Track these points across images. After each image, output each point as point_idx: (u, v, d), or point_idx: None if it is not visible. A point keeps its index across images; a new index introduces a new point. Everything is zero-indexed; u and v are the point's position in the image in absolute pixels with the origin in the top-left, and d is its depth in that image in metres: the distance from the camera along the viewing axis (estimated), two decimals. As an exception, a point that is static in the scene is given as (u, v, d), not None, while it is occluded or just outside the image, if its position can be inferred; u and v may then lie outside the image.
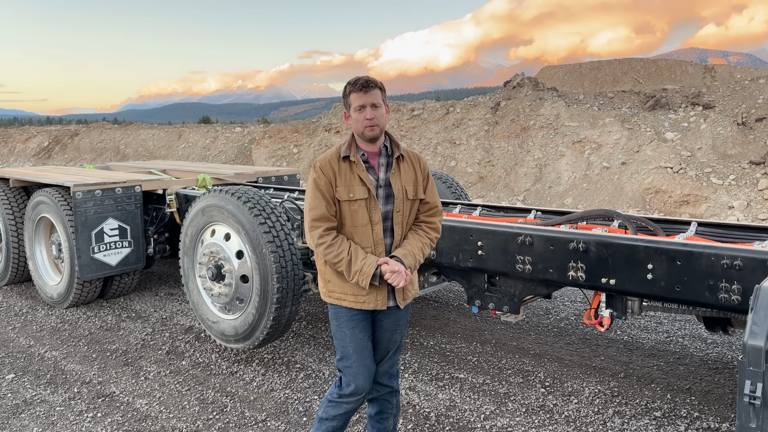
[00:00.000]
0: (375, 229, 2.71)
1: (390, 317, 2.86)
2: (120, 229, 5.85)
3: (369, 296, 2.73)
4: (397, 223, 2.77)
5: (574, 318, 5.50)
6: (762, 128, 13.13)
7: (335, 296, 2.79)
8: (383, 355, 2.91)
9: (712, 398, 3.90)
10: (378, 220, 2.71)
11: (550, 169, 13.94)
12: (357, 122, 2.69)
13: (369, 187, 2.70)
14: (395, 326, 2.88)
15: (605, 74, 42.18)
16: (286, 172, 7.39)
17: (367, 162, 2.76)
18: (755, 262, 2.96)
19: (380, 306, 2.75)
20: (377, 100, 2.68)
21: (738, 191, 11.42)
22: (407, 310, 2.94)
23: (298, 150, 18.75)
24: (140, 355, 4.86)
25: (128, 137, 26.16)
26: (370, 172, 2.75)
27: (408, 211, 2.81)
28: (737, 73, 33.63)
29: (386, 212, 2.75)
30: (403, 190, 2.76)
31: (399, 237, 2.79)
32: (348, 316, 2.78)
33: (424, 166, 2.91)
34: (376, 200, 2.71)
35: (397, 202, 2.75)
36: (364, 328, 2.80)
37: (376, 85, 2.70)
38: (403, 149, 2.86)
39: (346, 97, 2.74)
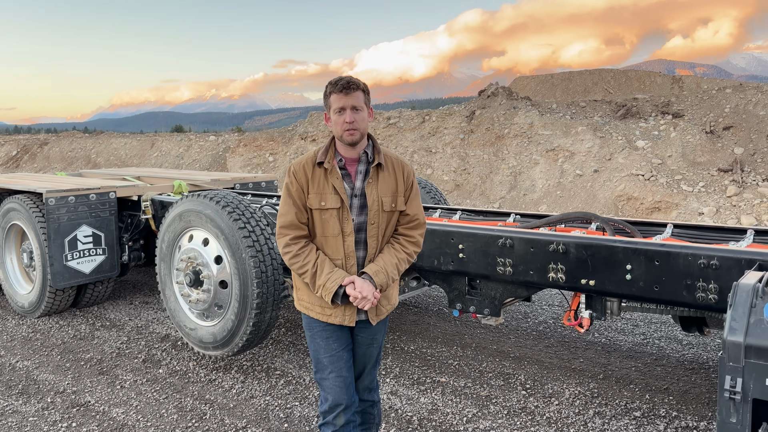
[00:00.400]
0: (347, 241, 2.56)
1: (365, 331, 2.72)
2: (94, 236, 5.74)
3: (336, 310, 2.59)
4: (372, 236, 2.60)
5: (552, 321, 5.54)
6: (729, 136, 13.46)
7: (304, 305, 2.68)
8: (360, 370, 2.79)
9: (689, 398, 3.95)
10: (350, 232, 2.55)
11: (524, 176, 14.09)
12: (336, 125, 2.53)
13: (342, 196, 2.54)
14: (371, 340, 2.75)
15: (576, 85, 42.86)
16: (263, 178, 7.34)
17: (344, 169, 2.60)
18: (731, 261, 3.02)
19: (348, 322, 2.61)
20: (359, 103, 2.53)
21: (707, 198, 11.67)
22: (385, 323, 2.80)
23: (273, 158, 18.66)
24: (116, 364, 4.76)
25: (99, 146, 25.75)
26: (346, 180, 2.59)
27: (385, 223, 2.64)
28: (704, 83, 34.46)
29: (360, 223, 2.58)
30: (378, 201, 2.58)
31: (373, 250, 2.62)
32: (321, 326, 2.66)
33: (408, 174, 2.70)
34: (348, 211, 2.55)
35: (371, 213, 2.58)
36: (339, 338, 2.67)
37: (358, 87, 2.54)
38: (387, 156, 2.67)
39: (327, 98, 2.58)
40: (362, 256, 2.61)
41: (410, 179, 2.70)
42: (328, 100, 2.56)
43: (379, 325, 2.75)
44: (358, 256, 2.60)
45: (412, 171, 2.74)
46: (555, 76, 46.78)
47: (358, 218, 2.58)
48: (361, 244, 2.61)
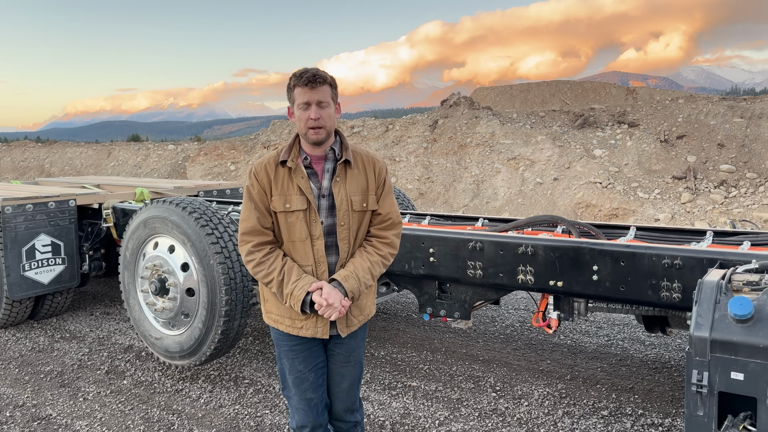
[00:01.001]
0: (316, 245, 2.38)
1: (342, 347, 2.54)
2: (53, 246, 5.57)
3: (307, 321, 2.41)
4: (342, 239, 2.42)
5: (519, 324, 5.62)
6: (683, 145, 13.92)
7: (272, 318, 2.50)
8: (338, 390, 2.59)
9: (654, 396, 4.05)
10: (319, 235, 2.37)
11: (486, 185, 14.29)
12: (300, 121, 2.34)
13: (308, 197, 2.36)
14: (347, 357, 2.56)
15: (534, 96, 43.75)
16: (228, 185, 7.27)
17: (309, 167, 2.42)
18: (693, 261, 3.13)
19: (321, 334, 2.42)
20: (325, 98, 2.33)
21: (663, 204, 12.03)
22: (362, 338, 2.61)
23: (235, 167, 18.46)
24: (77, 376, 4.62)
25: (53, 156, 25.03)
26: (312, 180, 2.40)
27: (356, 224, 2.45)
28: (657, 94, 35.60)
29: (329, 226, 2.41)
30: (347, 200, 2.40)
31: (345, 254, 2.44)
32: (289, 345, 2.49)
33: (379, 171, 2.51)
34: (316, 212, 2.37)
35: (340, 214, 2.40)
36: (306, 358, 2.49)
37: (325, 80, 2.34)
38: (356, 152, 2.50)
39: (290, 91, 2.37)
40: (334, 261, 2.43)
41: (382, 176, 2.52)
42: (292, 93, 2.36)
43: (354, 340, 2.56)
44: (330, 261, 2.42)
45: (385, 167, 2.56)
46: (514, 87, 47.69)
47: (327, 220, 2.40)
48: (332, 248, 2.43)
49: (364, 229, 2.50)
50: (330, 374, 2.58)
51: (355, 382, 2.63)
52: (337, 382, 2.58)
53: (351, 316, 2.49)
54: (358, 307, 2.51)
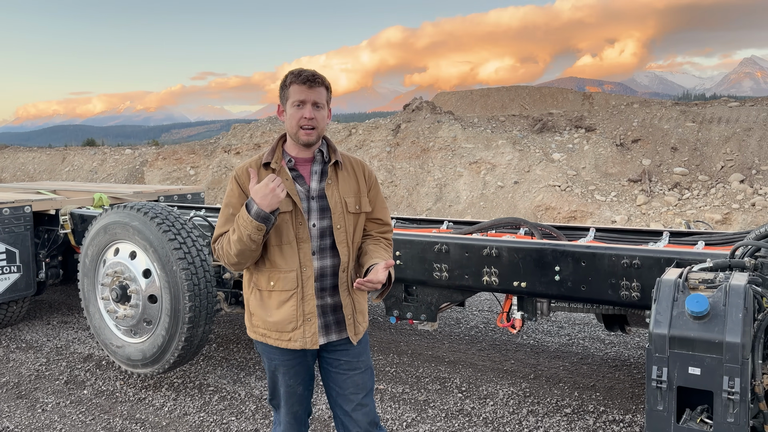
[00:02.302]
0: (302, 248, 2.30)
1: (346, 353, 2.42)
2: (8, 253, 5.40)
3: (295, 333, 2.32)
4: (341, 241, 2.35)
5: (483, 326, 5.69)
6: (638, 149, 14.32)
7: (260, 332, 2.40)
8: (353, 401, 2.44)
9: (614, 393, 4.16)
10: (305, 237, 2.31)
11: (449, 188, 14.43)
12: (292, 119, 2.28)
13: (294, 198, 2.30)
14: (355, 364, 2.44)
15: (494, 100, 44.42)
16: (189, 190, 7.16)
17: (294, 170, 2.36)
18: (651, 260, 3.23)
19: (310, 345, 2.32)
20: (321, 100, 2.29)
21: (619, 207, 12.35)
22: (365, 346, 2.50)
23: (195, 172, 18.19)
24: (35, 387, 4.49)
25: (4, 161, 24.24)
26: (299, 182, 2.35)
27: (352, 226, 2.40)
28: (612, 99, 36.56)
29: (323, 228, 2.34)
30: (341, 202, 2.36)
31: (347, 257, 2.36)
32: (280, 359, 2.40)
33: (368, 174, 2.49)
34: (302, 214, 2.31)
35: (335, 216, 2.34)
36: (297, 373, 2.43)
37: (322, 82, 2.30)
38: (344, 155, 2.46)
39: (285, 89, 2.31)
40: (329, 264, 2.36)
41: (372, 179, 2.50)
42: (287, 91, 2.30)
43: (361, 346, 2.46)
44: (324, 265, 2.35)
45: (373, 172, 2.55)
46: (474, 92, 48.31)
47: (320, 222, 2.34)
48: (327, 251, 2.36)
49: (359, 232, 2.45)
50: (343, 386, 2.44)
51: (371, 391, 2.49)
52: (354, 393, 2.44)
53: (357, 322, 2.43)
54: (362, 313, 2.46)
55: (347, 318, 2.39)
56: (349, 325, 2.39)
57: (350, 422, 2.45)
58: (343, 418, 2.47)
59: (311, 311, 2.32)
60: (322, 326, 2.37)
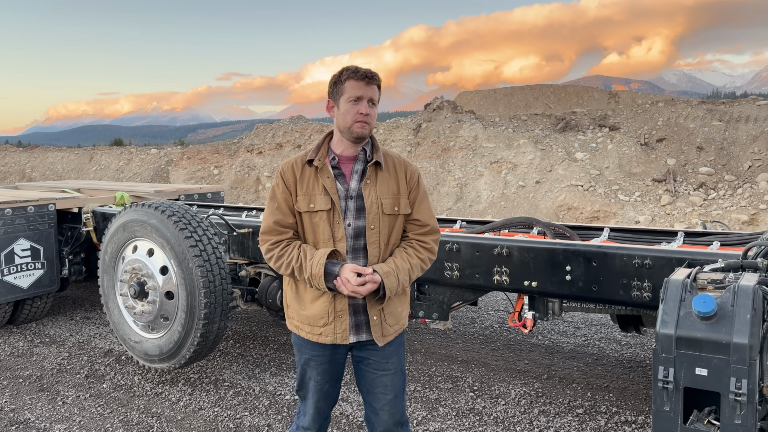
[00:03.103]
0: (338, 247, 2.32)
1: (376, 353, 2.43)
2: (32, 250, 5.55)
3: (327, 328, 2.35)
4: (372, 242, 2.35)
5: (498, 326, 5.68)
6: (662, 148, 14.12)
7: (294, 323, 2.45)
8: (386, 402, 2.45)
9: (628, 394, 4.13)
10: (341, 237, 2.32)
11: (470, 188, 14.39)
12: (347, 114, 2.29)
13: (332, 197, 2.31)
14: (384, 366, 2.44)
15: (518, 99, 44.10)
16: (209, 189, 7.26)
17: (337, 168, 2.37)
18: (663, 260, 3.20)
19: (340, 340, 2.35)
20: (375, 97, 2.33)
21: (643, 207, 12.19)
22: (399, 344, 2.50)
23: (218, 171, 18.41)
24: (57, 380, 4.60)
25: (35, 160, 24.82)
26: (340, 180, 2.36)
27: (388, 228, 2.38)
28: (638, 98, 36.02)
29: (358, 228, 2.34)
30: (378, 203, 2.34)
31: (375, 259, 2.36)
32: (310, 354, 2.44)
33: (411, 174, 2.45)
34: (340, 213, 2.32)
35: (370, 217, 2.33)
36: (326, 371, 2.45)
37: (378, 81, 2.33)
38: (387, 155, 2.44)
39: (340, 84, 2.32)
40: (365, 264, 2.36)
41: (414, 180, 2.45)
42: (342, 86, 2.31)
43: (391, 347, 2.45)
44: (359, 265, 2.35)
45: (417, 171, 2.49)
46: (498, 91, 48.03)
47: (356, 222, 2.34)
48: (360, 252, 2.36)
49: (397, 234, 2.42)
50: (372, 385, 2.46)
51: (401, 392, 2.51)
52: (383, 393, 2.46)
53: (386, 324, 2.41)
54: (393, 315, 2.43)
55: (372, 318, 2.38)
56: (375, 326, 2.38)
57: (377, 420, 2.50)
58: (371, 414, 2.52)
59: (343, 309, 2.34)
60: (353, 325, 2.38)
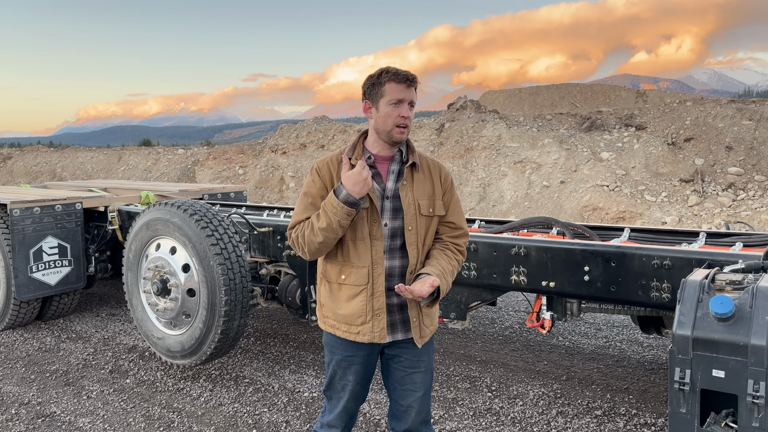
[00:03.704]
0: (375, 246, 2.32)
1: (409, 352, 2.43)
2: (60, 248, 5.68)
3: (364, 327, 2.34)
4: (411, 243, 2.35)
5: (518, 326, 5.65)
6: (690, 148, 13.88)
7: (329, 323, 2.44)
8: (409, 399, 2.46)
9: (648, 396, 4.08)
10: (379, 236, 2.32)
11: (493, 188, 14.31)
12: (388, 117, 2.27)
13: (371, 196, 2.30)
14: (416, 363, 2.44)
15: (544, 99, 43.71)
16: (232, 189, 7.35)
17: (373, 167, 2.37)
18: (683, 261, 3.16)
19: (378, 339, 2.34)
20: (415, 100, 2.30)
21: (670, 207, 12.00)
22: (428, 348, 2.50)
23: (243, 171, 18.60)
24: (82, 375, 4.71)
25: (65, 160, 25.33)
26: (375, 180, 2.36)
27: (424, 229, 2.38)
28: (667, 97, 35.45)
29: (395, 228, 2.34)
30: (415, 204, 2.35)
31: (415, 260, 2.36)
32: (343, 354, 2.43)
33: (445, 177, 2.46)
34: (378, 212, 2.32)
35: (408, 217, 2.33)
36: (358, 371, 2.44)
37: (417, 84, 2.31)
38: (422, 156, 2.44)
39: (379, 86, 2.29)
40: (398, 264, 2.36)
41: (448, 182, 2.46)
42: (382, 88, 2.28)
43: (425, 346, 2.47)
44: (392, 265, 2.36)
45: (450, 174, 2.50)
46: (523, 90, 47.66)
47: (392, 222, 2.35)
48: (396, 252, 2.36)
49: (431, 234, 2.43)
50: (401, 382, 2.46)
51: (428, 391, 2.51)
52: (411, 391, 2.45)
53: (423, 325, 2.42)
54: (429, 316, 2.45)
55: (412, 320, 2.38)
56: (414, 327, 2.39)
57: (403, 417, 2.50)
58: (397, 411, 2.51)
59: (380, 307, 2.33)
60: (389, 324, 2.37)
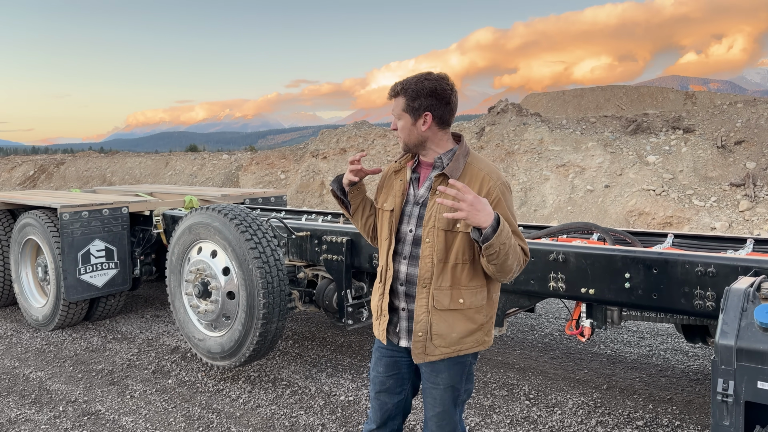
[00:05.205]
0: (390, 249, 2.35)
1: (428, 366, 2.35)
2: (106, 251, 5.86)
3: (376, 322, 2.41)
4: (425, 256, 2.26)
5: (558, 334, 5.56)
6: (741, 151, 13.43)
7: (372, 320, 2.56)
8: (431, 416, 2.42)
9: (693, 407, 3.95)
10: (395, 239, 2.36)
11: (535, 192, 14.12)
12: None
13: (396, 199, 2.36)
14: (433, 379, 2.36)
15: (588, 101, 42.93)
16: (273, 193, 7.46)
17: (416, 172, 2.40)
18: (728, 268, 3.06)
19: (379, 336, 2.42)
20: (398, 110, 2.31)
21: (719, 212, 11.62)
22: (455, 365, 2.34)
23: (285, 176, 18.84)
24: (126, 375, 4.84)
25: (115, 165, 26.15)
26: (414, 185, 2.37)
27: (443, 243, 2.24)
28: (717, 99, 34.38)
29: (417, 237, 2.31)
30: (436, 216, 2.25)
31: (427, 273, 2.26)
32: (376, 345, 2.51)
33: (488, 191, 2.22)
34: (397, 216, 2.35)
35: (426, 228, 2.26)
36: (388, 364, 2.45)
37: (400, 92, 2.30)
38: (471, 165, 2.28)
39: None
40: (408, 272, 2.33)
41: (492, 196, 2.21)
42: None
43: (442, 364, 2.33)
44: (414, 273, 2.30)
45: (499, 187, 2.25)
46: (567, 92, 46.92)
47: (417, 230, 2.31)
48: (417, 261, 2.31)
49: (461, 253, 2.25)
50: (423, 393, 2.45)
51: (451, 407, 2.39)
52: (431, 405, 2.41)
53: (431, 344, 2.28)
54: (441, 336, 2.27)
55: (417, 334, 2.29)
56: (418, 341, 2.29)
57: (425, 428, 2.49)
58: (426, 421, 2.49)
59: (386, 309, 2.36)
60: (405, 330, 2.35)
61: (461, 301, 2.29)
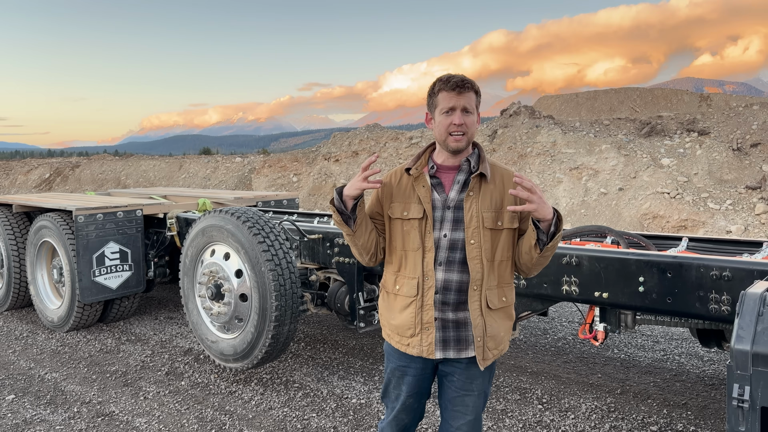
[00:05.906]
0: (426, 257, 2.27)
1: (461, 373, 2.32)
2: (121, 253, 5.91)
3: (413, 339, 2.29)
4: (473, 257, 2.24)
5: (571, 338, 5.53)
6: (757, 153, 13.29)
7: (386, 332, 2.44)
8: (463, 424, 2.35)
9: (708, 413, 3.91)
10: (430, 247, 2.27)
11: (548, 195, 14.06)
12: (441, 127, 2.25)
13: (425, 206, 2.28)
14: (468, 386, 2.33)
15: (602, 103, 42.69)
16: (285, 196, 7.48)
17: (436, 177, 2.33)
18: (743, 272, 3.02)
19: (426, 353, 2.28)
20: (470, 105, 2.24)
21: (735, 216, 11.51)
22: (488, 369, 2.36)
23: (297, 179, 18.91)
24: (140, 376, 4.88)
25: (129, 168, 26.38)
26: (437, 190, 2.31)
27: (490, 243, 2.26)
28: (733, 101, 34.06)
29: (454, 240, 2.26)
30: (479, 216, 2.25)
31: (479, 275, 2.24)
32: (396, 363, 2.39)
33: None
34: (431, 223, 2.27)
35: (470, 230, 2.24)
36: (410, 383, 2.39)
37: (471, 87, 2.24)
38: (495, 166, 2.35)
39: (433, 96, 2.29)
40: (456, 279, 2.27)
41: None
42: (435, 98, 2.28)
43: (478, 368, 2.31)
44: (448, 278, 2.27)
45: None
46: (580, 95, 46.70)
47: (453, 234, 2.27)
48: (456, 265, 2.27)
49: (504, 250, 2.30)
50: (452, 402, 2.37)
51: (480, 414, 2.40)
52: (462, 414, 2.35)
53: (486, 348, 2.29)
54: (494, 338, 2.30)
55: (476, 339, 2.27)
56: (478, 347, 2.27)
57: None
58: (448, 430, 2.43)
59: (429, 321, 2.28)
60: (440, 340, 2.29)
61: (504, 299, 2.34)
